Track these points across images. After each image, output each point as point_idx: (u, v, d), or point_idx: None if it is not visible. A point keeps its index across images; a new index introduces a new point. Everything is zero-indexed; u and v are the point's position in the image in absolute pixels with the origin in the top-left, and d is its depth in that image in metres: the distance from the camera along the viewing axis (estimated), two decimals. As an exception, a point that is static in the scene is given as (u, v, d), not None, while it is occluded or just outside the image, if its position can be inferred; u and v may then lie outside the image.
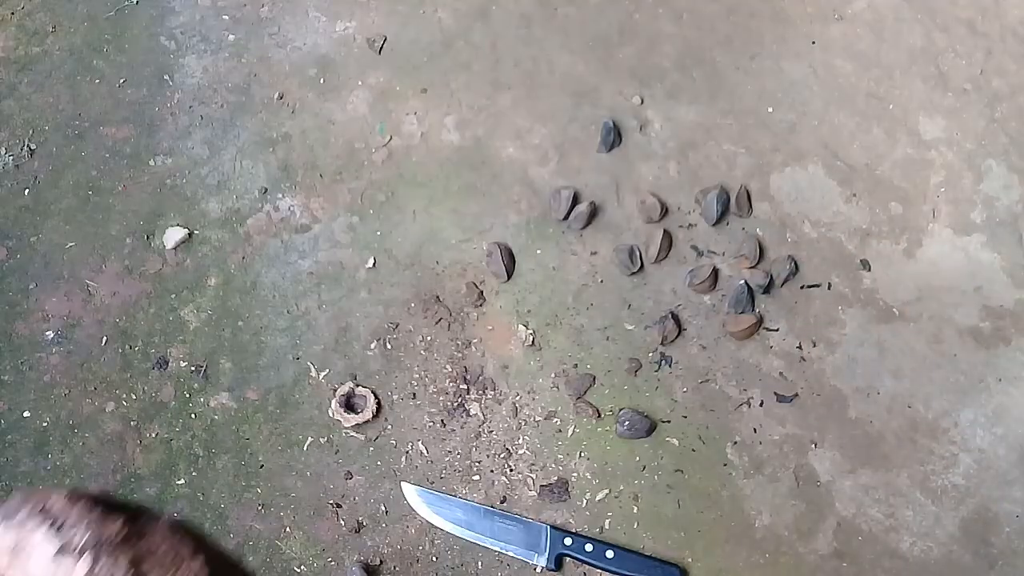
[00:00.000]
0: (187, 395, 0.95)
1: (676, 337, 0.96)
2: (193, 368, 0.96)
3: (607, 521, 0.91)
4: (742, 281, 0.97)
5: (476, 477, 0.92)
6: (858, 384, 0.95)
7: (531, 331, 0.97)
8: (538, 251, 1.00)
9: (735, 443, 0.93)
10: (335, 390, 0.94)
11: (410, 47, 1.08)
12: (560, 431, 0.94)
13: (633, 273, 0.98)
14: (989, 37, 1.07)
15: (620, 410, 0.93)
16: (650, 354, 0.96)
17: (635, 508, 0.91)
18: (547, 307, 0.98)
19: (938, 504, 0.91)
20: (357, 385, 0.94)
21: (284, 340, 0.97)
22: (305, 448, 0.93)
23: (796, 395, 0.95)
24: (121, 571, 0.26)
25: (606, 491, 0.91)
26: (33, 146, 1.04)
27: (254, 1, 1.11)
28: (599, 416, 0.94)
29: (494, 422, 0.94)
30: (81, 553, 0.27)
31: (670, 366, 0.96)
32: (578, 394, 0.95)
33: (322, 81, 1.07)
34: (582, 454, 0.93)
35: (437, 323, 0.97)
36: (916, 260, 0.99)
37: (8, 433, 0.94)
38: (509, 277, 0.98)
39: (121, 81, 1.07)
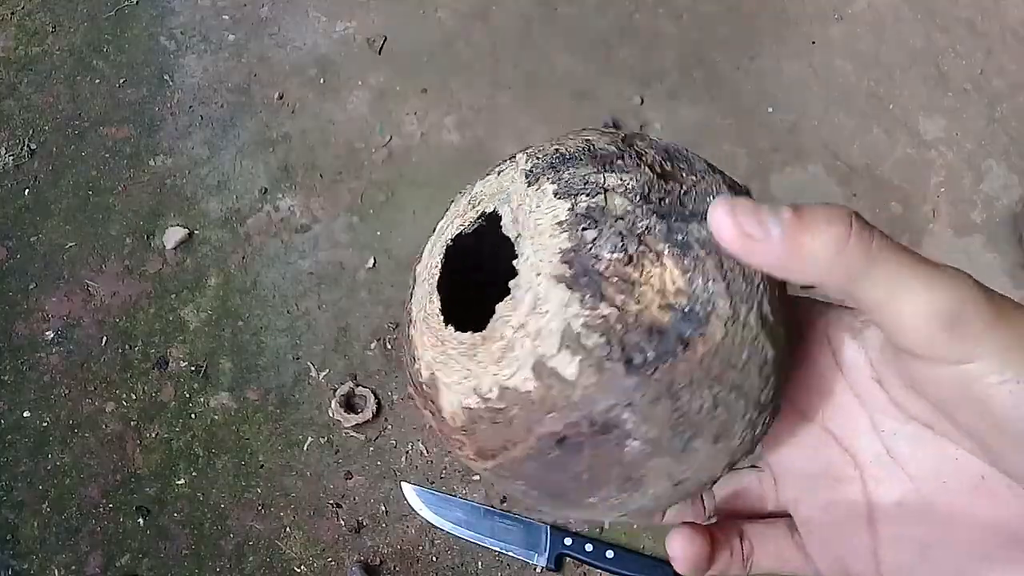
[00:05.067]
0: (187, 395, 0.95)
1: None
2: (193, 368, 0.96)
3: (607, 521, 0.91)
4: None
5: (476, 477, 0.92)
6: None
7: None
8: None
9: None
10: (335, 390, 0.94)
11: (410, 47, 1.08)
12: (560, 431, 0.94)
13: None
14: (989, 37, 1.07)
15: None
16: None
17: (635, 508, 0.91)
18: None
19: (938, 504, 0.91)
20: (357, 385, 0.94)
21: (284, 340, 0.97)
22: (305, 448, 0.93)
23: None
24: None
25: (606, 491, 0.91)
26: (33, 146, 1.04)
27: (254, 1, 1.11)
28: (599, 416, 0.94)
29: (494, 422, 0.94)
30: None
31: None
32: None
33: (322, 81, 1.07)
34: (582, 454, 0.93)
35: (437, 323, 0.97)
36: (916, 260, 0.99)
37: (8, 433, 0.94)
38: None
39: (121, 81, 1.07)
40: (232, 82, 1.07)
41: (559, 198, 0.27)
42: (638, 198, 0.27)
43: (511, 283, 0.27)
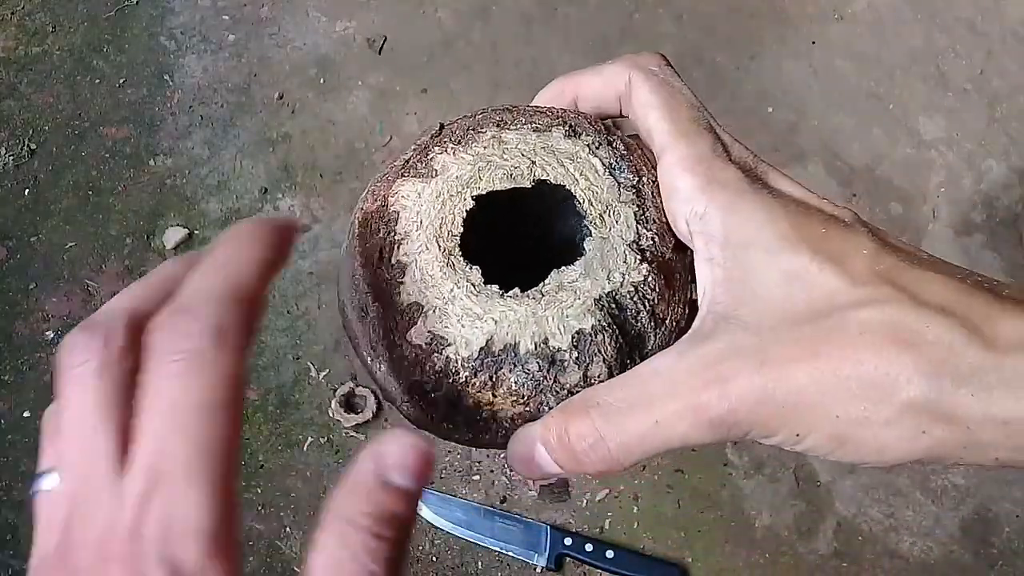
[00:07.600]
0: (187, 395, 0.95)
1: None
2: (193, 368, 0.96)
3: (607, 521, 0.91)
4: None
5: (476, 477, 0.92)
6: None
7: (531, 331, 0.96)
8: (538, 251, 1.00)
9: (735, 443, 0.93)
10: (335, 390, 0.94)
11: (410, 47, 1.08)
12: (560, 431, 0.94)
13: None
14: (989, 37, 1.07)
15: (620, 410, 0.93)
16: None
17: (635, 508, 0.91)
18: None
19: (938, 504, 0.91)
20: (357, 385, 0.94)
21: (284, 340, 0.97)
22: (305, 448, 0.93)
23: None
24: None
25: (606, 491, 0.92)
26: (33, 146, 1.04)
27: (254, 1, 1.11)
28: (599, 416, 0.94)
29: (494, 422, 0.94)
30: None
31: (670, 366, 0.96)
32: (578, 394, 0.94)
33: (322, 81, 1.07)
34: (582, 454, 0.93)
35: (437, 323, 0.97)
36: (916, 260, 0.99)
37: (8, 433, 0.94)
38: (509, 277, 0.98)
39: (121, 81, 1.07)
40: (232, 82, 1.07)
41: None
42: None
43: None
